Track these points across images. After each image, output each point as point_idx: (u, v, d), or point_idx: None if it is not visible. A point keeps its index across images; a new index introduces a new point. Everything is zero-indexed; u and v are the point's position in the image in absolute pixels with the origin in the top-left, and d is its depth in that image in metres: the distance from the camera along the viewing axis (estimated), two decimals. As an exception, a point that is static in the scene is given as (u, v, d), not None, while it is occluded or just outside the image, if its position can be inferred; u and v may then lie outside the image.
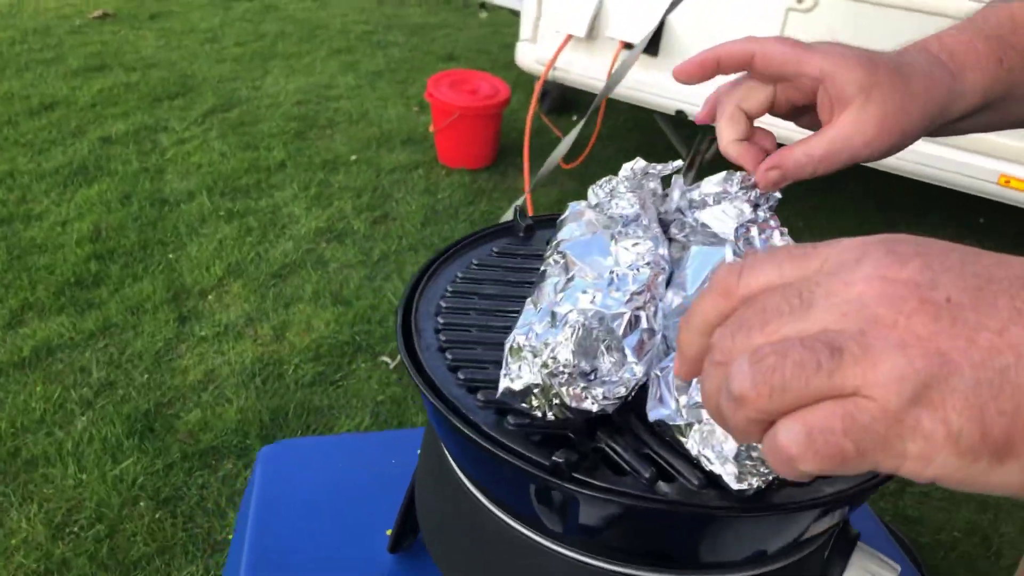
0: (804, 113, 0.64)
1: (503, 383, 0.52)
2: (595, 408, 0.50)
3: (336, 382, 2.40)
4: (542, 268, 0.64)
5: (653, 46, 2.83)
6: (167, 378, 2.35)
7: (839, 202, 3.54)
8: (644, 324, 0.53)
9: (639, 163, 0.71)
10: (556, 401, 0.50)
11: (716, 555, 0.54)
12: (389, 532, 0.98)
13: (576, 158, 3.35)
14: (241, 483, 2.04)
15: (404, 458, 1.09)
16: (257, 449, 2.13)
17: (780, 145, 0.64)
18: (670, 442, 0.51)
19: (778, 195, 0.67)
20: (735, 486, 0.48)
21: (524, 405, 0.51)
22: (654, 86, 2.88)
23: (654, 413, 0.51)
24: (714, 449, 0.48)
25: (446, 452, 0.61)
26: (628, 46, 2.82)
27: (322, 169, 3.49)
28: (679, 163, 0.71)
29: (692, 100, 2.81)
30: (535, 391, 0.51)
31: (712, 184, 0.69)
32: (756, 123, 0.65)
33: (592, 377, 0.51)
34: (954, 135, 0.67)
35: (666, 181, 0.72)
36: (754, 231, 0.65)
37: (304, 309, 2.67)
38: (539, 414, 0.51)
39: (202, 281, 2.75)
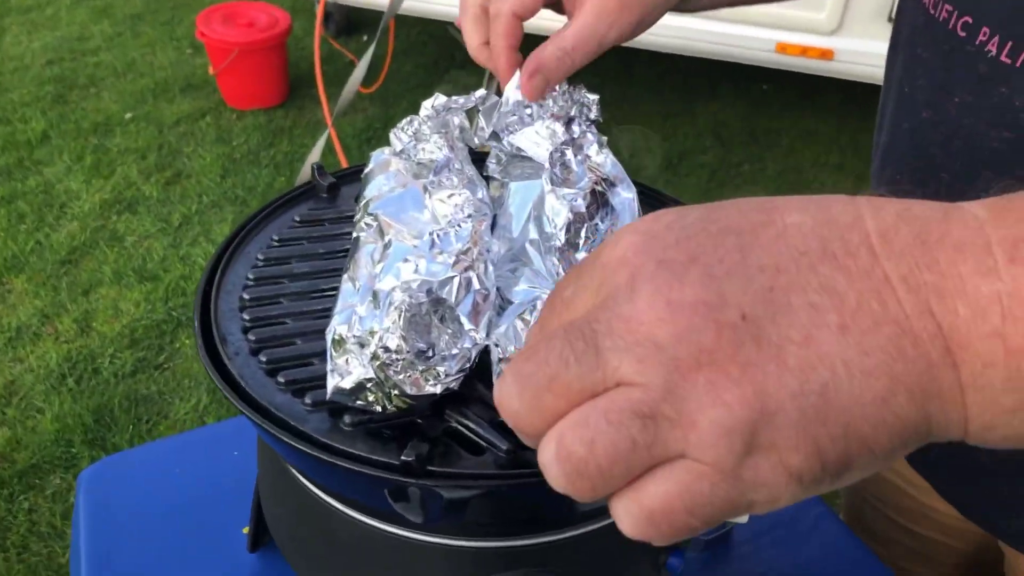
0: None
1: (331, 381, 0.46)
2: (439, 390, 0.45)
3: (160, 366, 2.21)
4: (354, 234, 0.57)
5: (432, -47, 2.70)
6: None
7: (637, 92, 3.62)
8: (476, 284, 0.48)
9: (439, 99, 0.64)
10: (395, 392, 0.45)
11: (582, 506, 0.52)
12: (246, 530, 0.90)
13: (375, 81, 3.19)
14: (74, 497, 1.86)
15: (247, 447, 1.01)
16: (84, 457, 1.95)
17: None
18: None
19: (594, 112, 0.62)
20: None
21: (360, 402, 0.46)
22: (440, -5, 2.77)
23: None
24: None
25: (285, 463, 0.54)
26: (406, -44, 2.67)
27: (94, 133, 3.13)
28: (481, 92, 0.65)
29: (481, 5, 2.72)
30: (369, 386, 0.45)
31: (518, 99, 0.64)
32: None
33: (430, 355, 0.46)
34: (700, 10, 0.69)
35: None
36: (569, 154, 0.61)
37: (107, 293, 2.42)
38: (378, 408, 0.46)
39: (-24, 284, 2.43)
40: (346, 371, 0.45)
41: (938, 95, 0.61)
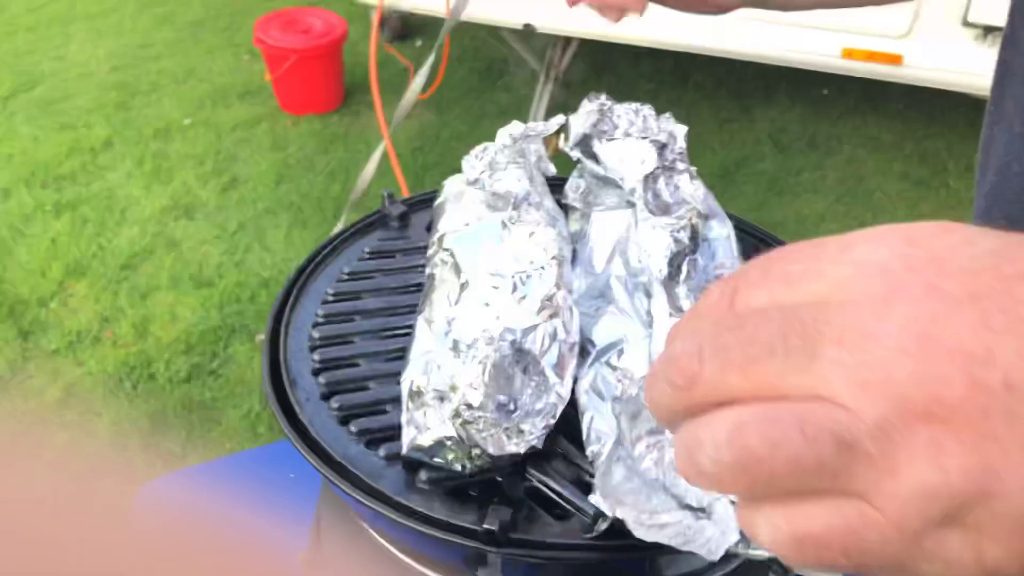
0: None
1: (407, 435, 0.43)
2: (523, 449, 0.42)
3: (215, 372, 2.23)
4: (428, 270, 0.54)
5: (490, -40, 2.68)
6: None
7: (693, 99, 3.55)
8: (562, 333, 0.45)
9: (516, 127, 0.61)
10: (476, 451, 0.42)
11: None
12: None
13: (429, 87, 3.19)
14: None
15: (304, 468, 0.99)
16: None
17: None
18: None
19: (680, 142, 0.59)
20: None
21: (438, 460, 0.43)
22: (496, 1, 2.74)
23: (594, 445, 0.43)
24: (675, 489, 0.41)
25: (356, 514, 0.52)
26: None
27: (154, 139, 3.18)
28: (560, 118, 0.62)
29: (538, 12, 2.70)
30: (449, 444, 0.42)
31: (618, 113, 0.60)
32: None
33: (512, 410, 0.43)
34: (780, 8, 0.66)
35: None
36: (661, 182, 0.58)
37: (164, 299, 2.45)
38: (458, 467, 0.43)
39: (40, 288, 2.47)
40: (424, 426, 0.42)
41: None
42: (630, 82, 3.55)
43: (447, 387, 0.41)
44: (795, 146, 3.37)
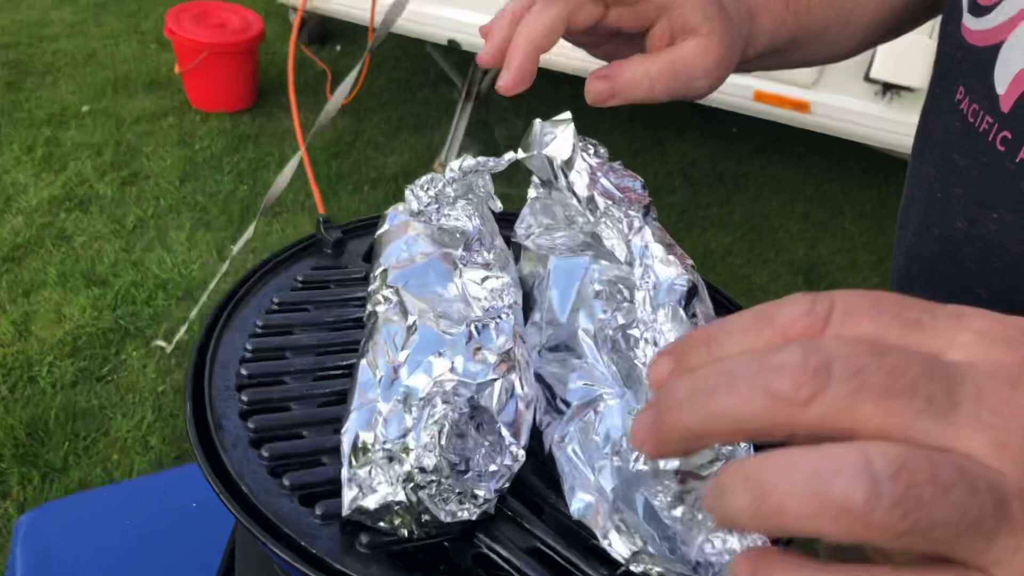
0: (612, 41, 0.58)
1: (349, 495, 0.40)
2: (475, 516, 0.40)
3: (103, 377, 2.09)
4: (370, 307, 0.51)
5: (419, -28, 2.64)
6: None
7: (609, 127, 3.61)
8: (519, 390, 0.43)
9: (467, 160, 0.59)
10: (425, 518, 0.39)
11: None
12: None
13: (347, 94, 3.12)
14: (2, 517, 1.73)
15: (206, 498, 0.93)
16: (14, 473, 1.82)
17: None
18: (568, 527, 0.42)
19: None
20: None
21: (383, 524, 0.40)
22: (423, 15, 2.71)
23: (579, 507, 0.41)
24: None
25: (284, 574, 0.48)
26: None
27: (48, 125, 2.99)
28: (510, 155, 0.60)
29: (464, 29, 2.68)
30: (397, 508, 0.39)
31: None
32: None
33: (464, 471, 0.40)
34: (743, 72, 0.66)
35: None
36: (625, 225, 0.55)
37: (50, 296, 2.29)
38: (404, 532, 0.40)
39: (-92, 278, 2.27)
40: (369, 486, 0.39)
41: (975, 208, 0.58)
42: (551, 105, 3.59)
43: (398, 447, 0.39)
44: (705, 180, 3.47)
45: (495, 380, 0.42)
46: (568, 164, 0.55)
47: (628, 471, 0.42)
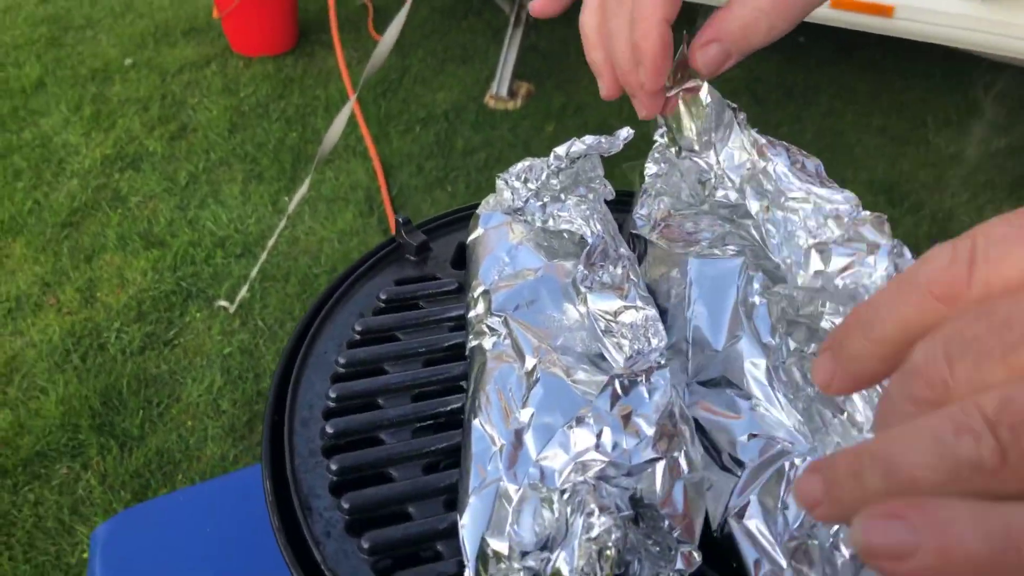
0: None
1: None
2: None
3: (170, 341, 2.08)
4: (473, 339, 0.42)
5: None
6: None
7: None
8: (685, 467, 0.33)
9: (575, 145, 0.48)
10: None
11: None
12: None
13: (395, 39, 2.98)
14: (83, 489, 1.74)
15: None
16: (92, 444, 1.82)
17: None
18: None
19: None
20: None
21: (524, 651, 0.32)
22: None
23: None
24: None
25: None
26: None
27: (92, 81, 2.93)
28: (626, 133, 0.49)
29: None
30: (543, 638, 0.31)
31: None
32: None
33: (621, 578, 0.32)
34: None
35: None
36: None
37: (111, 260, 2.27)
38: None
39: (-29, 249, 2.27)
40: (505, 608, 0.31)
41: None
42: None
43: (542, 566, 0.30)
44: (772, 96, 3.27)
45: (656, 460, 0.32)
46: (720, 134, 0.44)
47: (834, 558, 0.33)
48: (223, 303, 2.16)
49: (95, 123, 2.73)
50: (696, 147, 0.45)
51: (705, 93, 0.47)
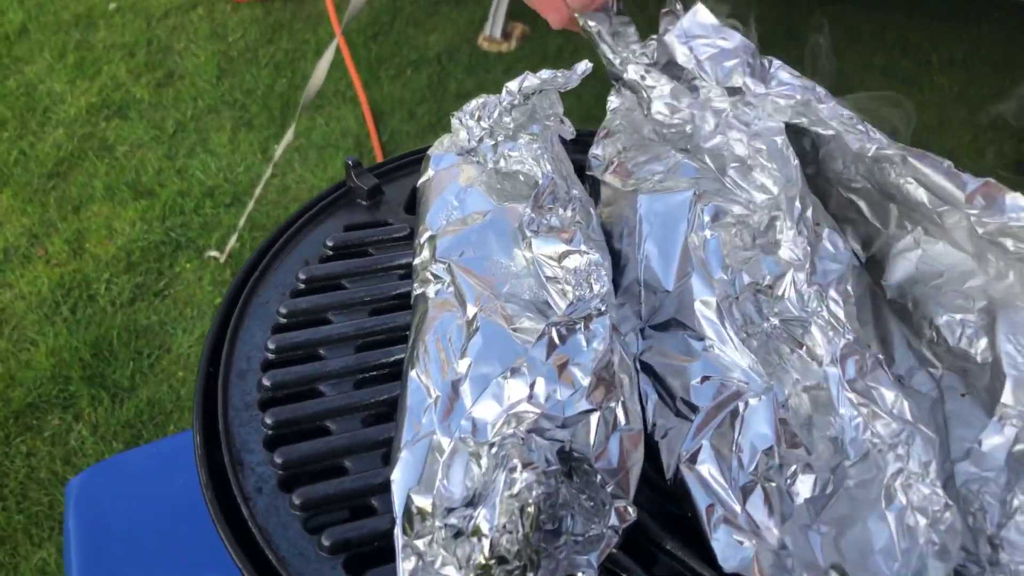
0: None
1: (406, 568, 0.30)
2: (570, 598, 0.30)
3: (160, 292, 2.06)
4: (417, 287, 0.40)
5: None
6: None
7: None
8: (622, 419, 0.31)
9: (528, 79, 0.45)
10: (507, 608, 0.29)
11: None
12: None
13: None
14: (75, 440, 1.75)
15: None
16: (83, 395, 1.82)
17: None
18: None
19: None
20: None
21: (451, 609, 0.30)
22: None
23: (733, 558, 0.30)
24: None
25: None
26: None
27: (76, 27, 2.87)
28: (584, 66, 0.47)
29: None
30: (468, 597, 0.29)
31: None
32: None
33: (557, 536, 0.30)
34: None
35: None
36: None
37: (99, 210, 2.24)
38: (479, 619, 0.30)
39: (-43, 200, 2.24)
40: (431, 567, 0.29)
41: None
42: None
43: (467, 524, 0.28)
44: (772, 38, 3.18)
45: (591, 412, 0.31)
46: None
47: (791, 501, 0.31)
48: (213, 253, 2.14)
49: (80, 70, 2.68)
50: (627, 74, 0.43)
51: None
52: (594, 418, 0.31)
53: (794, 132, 0.41)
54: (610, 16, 0.48)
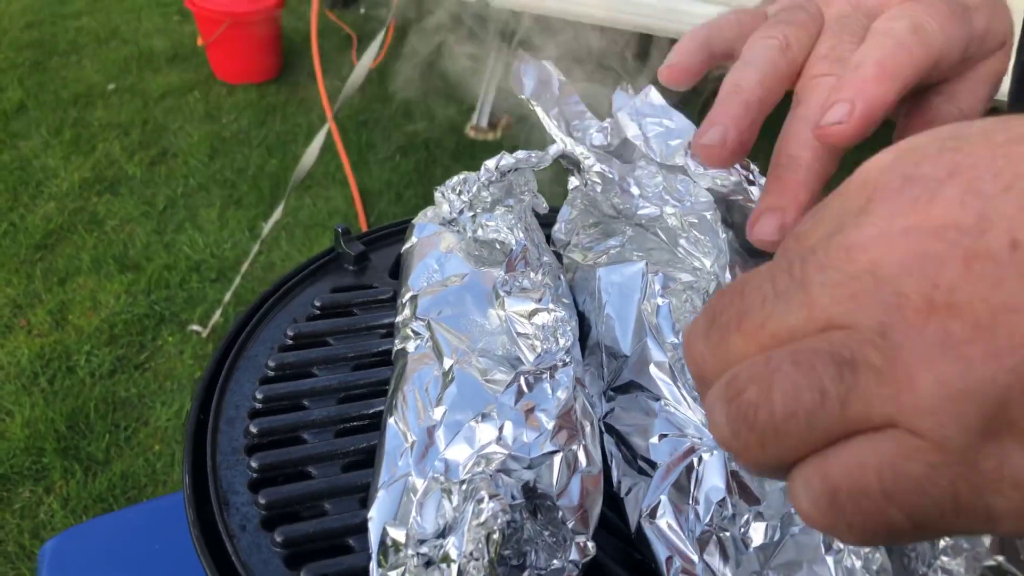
0: None
1: (379, 603, 0.32)
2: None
3: (141, 365, 2.06)
4: (398, 343, 0.43)
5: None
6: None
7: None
8: (583, 462, 0.34)
9: (504, 158, 0.50)
10: (474, 637, 0.31)
11: None
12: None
13: (375, 56, 3.02)
14: (44, 513, 1.72)
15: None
16: (56, 468, 1.80)
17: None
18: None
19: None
20: None
21: (421, 640, 0.32)
22: (449, -28, 2.59)
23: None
24: None
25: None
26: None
27: (74, 105, 2.95)
28: (556, 148, 0.51)
29: (493, -16, 2.56)
30: (437, 625, 0.31)
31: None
32: None
33: (521, 569, 0.32)
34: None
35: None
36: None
37: (85, 283, 2.26)
38: (446, 648, 0.32)
39: (-56, 269, 2.26)
40: (403, 598, 0.32)
41: None
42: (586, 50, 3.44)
43: (437, 553, 0.31)
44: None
45: (554, 453, 0.33)
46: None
47: (744, 549, 0.34)
48: (195, 327, 2.15)
49: (75, 147, 2.74)
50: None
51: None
52: (557, 459, 0.33)
53: (726, 207, 0.45)
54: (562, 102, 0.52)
